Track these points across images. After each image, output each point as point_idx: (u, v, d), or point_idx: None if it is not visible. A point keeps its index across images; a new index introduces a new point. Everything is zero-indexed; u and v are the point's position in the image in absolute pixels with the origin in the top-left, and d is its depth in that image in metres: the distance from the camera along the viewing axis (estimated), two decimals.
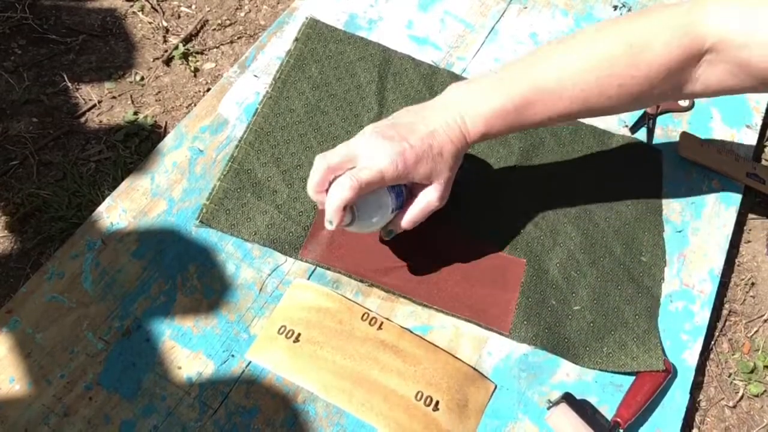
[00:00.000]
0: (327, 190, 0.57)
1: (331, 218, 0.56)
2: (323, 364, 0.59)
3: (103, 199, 0.68)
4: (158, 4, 0.98)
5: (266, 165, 0.70)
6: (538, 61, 0.59)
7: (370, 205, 0.58)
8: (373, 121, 0.74)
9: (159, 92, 0.90)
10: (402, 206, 0.60)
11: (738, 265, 0.83)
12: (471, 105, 0.58)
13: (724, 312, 0.79)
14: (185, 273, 0.64)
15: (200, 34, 0.97)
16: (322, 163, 0.57)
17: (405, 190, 0.60)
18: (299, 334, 0.61)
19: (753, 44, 0.53)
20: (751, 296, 0.81)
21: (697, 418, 0.72)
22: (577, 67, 0.57)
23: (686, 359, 0.66)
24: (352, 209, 0.57)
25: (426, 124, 0.57)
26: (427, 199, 0.59)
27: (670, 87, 0.58)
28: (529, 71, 0.59)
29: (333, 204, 0.55)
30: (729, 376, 0.75)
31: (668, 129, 0.81)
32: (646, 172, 0.77)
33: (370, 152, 0.55)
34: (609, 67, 0.57)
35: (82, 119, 0.86)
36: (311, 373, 0.59)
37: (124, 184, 0.69)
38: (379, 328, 0.62)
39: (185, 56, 0.93)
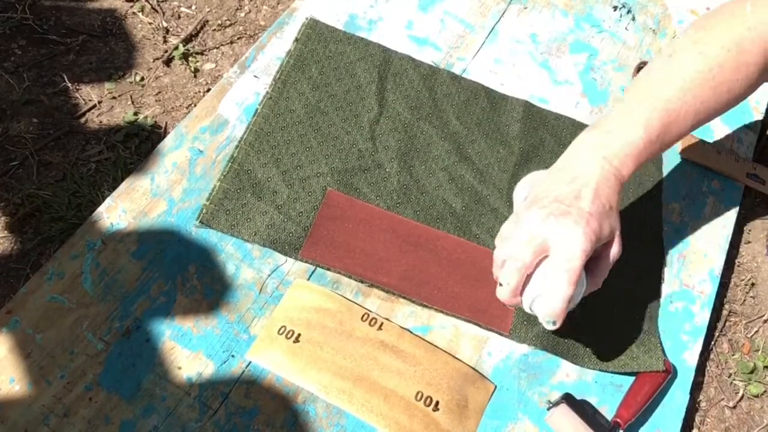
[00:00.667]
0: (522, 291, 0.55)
1: (557, 319, 0.54)
2: (323, 365, 0.59)
3: (103, 200, 0.68)
4: (158, 5, 0.98)
5: (266, 165, 0.70)
6: (657, 86, 0.60)
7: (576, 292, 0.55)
8: (372, 122, 0.75)
9: (159, 93, 0.90)
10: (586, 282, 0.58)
11: (738, 266, 0.83)
12: (615, 148, 0.56)
13: (724, 312, 0.79)
14: (185, 273, 0.64)
15: (200, 34, 0.97)
16: (514, 264, 0.54)
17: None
18: (299, 335, 0.61)
19: None
20: (751, 297, 0.81)
21: (697, 419, 0.72)
22: (694, 83, 0.59)
23: (686, 359, 0.66)
24: None
25: (585, 184, 0.55)
26: (612, 255, 0.57)
27: (760, 81, 0.62)
28: (653, 98, 0.59)
29: (558, 305, 0.53)
30: (729, 377, 0.75)
31: None
32: (646, 173, 0.77)
33: (560, 236, 0.52)
34: (719, 74, 0.60)
35: (82, 120, 0.86)
36: (311, 373, 0.59)
37: (124, 185, 0.69)
38: (379, 328, 0.62)
39: (185, 57, 0.93)
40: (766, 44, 0.60)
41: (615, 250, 0.57)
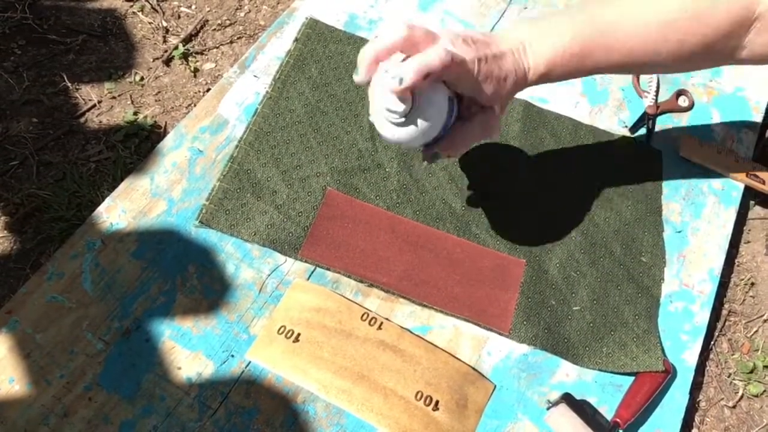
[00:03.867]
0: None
1: (405, 76, 0.48)
2: (323, 364, 0.59)
3: (103, 200, 0.68)
4: (158, 5, 0.98)
5: (266, 165, 0.70)
6: (607, 6, 0.58)
7: (432, 102, 0.52)
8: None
9: (159, 92, 0.90)
10: (449, 130, 0.55)
11: (738, 265, 0.83)
12: (537, 41, 0.55)
13: (724, 312, 0.79)
14: (185, 273, 0.64)
15: (200, 34, 0.97)
16: (414, 63, 0.49)
17: (455, 111, 0.55)
18: (299, 334, 0.61)
19: None
20: (750, 296, 0.81)
21: (697, 419, 0.72)
22: (644, 17, 0.57)
23: (686, 359, 0.66)
24: (413, 95, 0.50)
25: (497, 46, 0.54)
26: (480, 125, 0.56)
27: (721, 50, 0.59)
28: (596, 16, 0.57)
29: (416, 65, 0.48)
30: (728, 376, 0.75)
31: (668, 129, 0.81)
32: (646, 173, 0.77)
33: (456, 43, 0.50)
34: (674, 21, 0.57)
35: (82, 119, 0.86)
36: (311, 373, 0.59)
37: (123, 185, 0.69)
38: (379, 328, 0.62)
39: (185, 56, 0.93)
40: (740, 14, 0.56)
41: (485, 122, 0.56)
